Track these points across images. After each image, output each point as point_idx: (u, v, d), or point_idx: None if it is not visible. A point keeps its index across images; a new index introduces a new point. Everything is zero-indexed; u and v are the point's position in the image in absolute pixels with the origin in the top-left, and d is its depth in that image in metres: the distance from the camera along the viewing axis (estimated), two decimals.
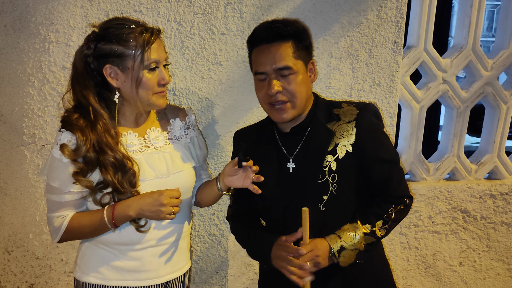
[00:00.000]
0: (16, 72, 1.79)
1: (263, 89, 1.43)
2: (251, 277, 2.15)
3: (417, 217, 2.28)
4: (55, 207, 1.39)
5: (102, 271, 1.43)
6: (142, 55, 1.33)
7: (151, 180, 1.41)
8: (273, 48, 1.39)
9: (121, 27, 1.34)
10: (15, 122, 1.84)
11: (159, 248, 1.45)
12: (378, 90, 2.07)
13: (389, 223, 1.43)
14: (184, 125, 1.55)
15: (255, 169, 1.39)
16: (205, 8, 1.85)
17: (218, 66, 1.91)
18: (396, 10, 2.00)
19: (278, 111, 1.42)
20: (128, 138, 1.43)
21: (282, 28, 1.40)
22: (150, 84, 1.36)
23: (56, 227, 1.39)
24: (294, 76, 1.40)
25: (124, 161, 1.35)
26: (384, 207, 1.44)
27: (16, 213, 1.92)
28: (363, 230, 1.40)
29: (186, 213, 1.54)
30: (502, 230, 2.40)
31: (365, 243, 1.40)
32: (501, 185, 2.35)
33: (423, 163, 2.29)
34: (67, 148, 1.32)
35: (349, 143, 1.43)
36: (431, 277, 2.37)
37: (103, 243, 1.43)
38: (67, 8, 1.76)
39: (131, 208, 1.34)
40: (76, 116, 1.35)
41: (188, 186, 1.51)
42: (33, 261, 1.97)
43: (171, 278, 1.50)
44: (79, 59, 1.37)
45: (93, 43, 1.35)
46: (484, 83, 2.27)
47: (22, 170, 1.88)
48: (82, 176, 1.33)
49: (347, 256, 1.39)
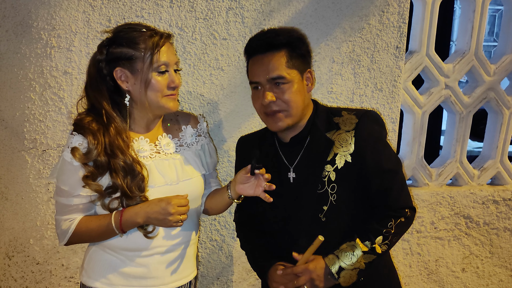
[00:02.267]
0: (18, 77, 1.79)
1: (258, 99, 1.43)
2: (252, 283, 2.14)
3: (420, 223, 2.27)
4: (64, 210, 1.39)
5: (109, 277, 1.43)
6: (151, 57, 1.34)
7: (160, 187, 1.41)
8: (266, 58, 1.39)
9: (131, 31, 1.37)
10: (16, 127, 1.83)
11: (166, 255, 1.45)
12: (380, 96, 2.06)
13: (389, 238, 1.39)
14: (195, 132, 1.55)
15: (268, 177, 1.37)
16: (206, 13, 1.85)
17: (220, 71, 1.91)
18: (398, 15, 2.00)
19: (273, 120, 1.42)
20: (140, 144, 1.43)
21: (274, 37, 1.40)
22: (159, 86, 1.36)
23: (64, 230, 1.39)
24: (288, 86, 1.39)
25: (133, 165, 1.35)
26: (383, 222, 1.40)
27: (17, 218, 1.91)
28: (362, 249, 1.37)
29: (194, 221, 1.53)
30: (505, 236, 2.38)
31: (365, 261, 1.37)
32: (504, 190, 2.34)
33: (426, 168, 2.28)
34: (78, 151, 1.33)
35: (348, 153, 1.41)
36: (433, 283, 2.36)
37: (111, 248, 1.43)
38: (69, 13, 1.76)
39: (139, 215, 1.34)
40: (89, 119, 1.36)
41: (197, 194, 1.51)
42: (34, 266, 1.96)
43: (177, 286, 1.49)
44: (92, 64, 1.39)
45: (105, 48, 1.37)
46: (487, 88, 2.26)
47: (23, 175, 1.87)
48: (92, 180, 1.33)
49: (347, 276, 1.37)
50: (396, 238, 1.42)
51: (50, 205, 1.90)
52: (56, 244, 1.93)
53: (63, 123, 1.84)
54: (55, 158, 1.86)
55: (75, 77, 1.81)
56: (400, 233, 1.43)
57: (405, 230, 1.46)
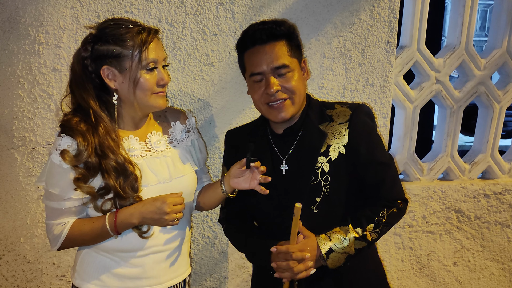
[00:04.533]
0: (6, 74, 1.77)
1: (260, 89, 1.41)
2: (245, 279, 2.13)
3: (411, 217, 2.28)
4: (55, 214, 1.35)
5: (103, 278, 1.40)
6: (139, 55, 1.30)
7: (153, 186, 1.39)
8: (268, 48, 1.39)
9: (117, 27, 1.32)
10: (5, 124, 1.81)
11: (161, 254, 1.43)
12: (371, 91, 2.06)
13: (380, 226, 1.41)
14: (184, 128, 1.54)
15: (263, 170, 1.37)
16: (196, 9, 1.83)
17: (210, 67, 1.89)
18: (389, 10, 2.00)
19: (277, 110, 1.41)
20: (130, 143, 1.40)
21: (275, 28, 1.40)
22: (148, 85, 1.33)
23: (56, 235, 1.35)
24: (292, 74, 1.40)
25: (125, 165, 1.32)
26: (376, 210, 1.42)
27: (7, 216, 1.89)
28: (353, 234, 1.38)
29: (187, 218, 1.53)
30: (496, 230, 2.40)
31: (355, 247, 1.38)
32: (495, 184, 2.36)
33: (417, 163, 2.28)
34: (68, 153, 1.29)
35: (341, 145, 1.42)
36: (425, 277, 2.37)
37: (104, 250, 1.40)
38: (57, 9, 1.74)
39: (134, 216, 1.32)
40: (77, 120, 1.31)
41: (190, 191, 1.49)
42: (25, 265, 1.94)
43: (172, 284, 1.48)
44: (77, 62, 1.34)
45: (90, 44, 1.33)
46: (477, 82, 2.27)
47: (12, 173, 1.85)
48: (83, 182, 1.30)
49: (336, 258, 1.38)
50: (386, 228, 1.43)
51: (40, 203, 1.89)
52: (47, 242, 1.92)
53: (52, 120, 1.82)
54: (44, 156, 1.85)
55: (64, 74, 1.79)
56: (391, 224, 1.44)
57: (396, 221, 1.47)
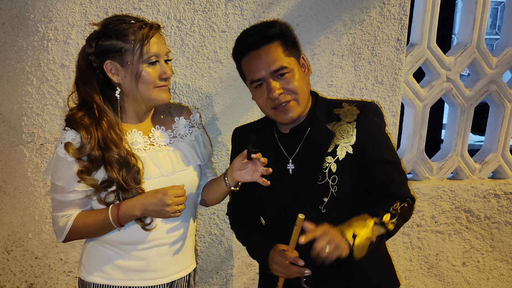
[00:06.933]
0: (15, 70, 1.78)
1: (263, 95, 1.40)
2: (252, 277, 2.13)
3: (420, 217, 2.26)
4: (60, 206, 1.38)
5: (107, 270, 1.42)
6: (141, 49, 1.33)
7: (156, 178, 1.40)
8: (263, 52, 1.37)
9: (120, 23, 1.35)
10: (14, 120, 1.82)
11: (164, 247, 1.44)
12: (380, 89, 2.04)
13: (396, 217, 1.35)
14: (188, 123, 1.55)
15: (264, 161, 1.37)
16: (205, 6, 1.82)
17: (219, 64, 1.89)
18: (399, 7, 1.97)
19: (284, 112, 1.40)
20: (133, 137, 1.42)
21: (265, 30, 1.38)
22: (150, 78, 1.35)
23: (61, 227, 1.38)
24: (291, 74, 1.38)
25: (128, 157, 1.34)
26: (389, 202, 1.38)
27: (15, 212, 1.90)
28: (373, 220, 1.32)
29: (191, 212, 1.53)
30: (506, 230, 2.37)
31: (377, 234, 1.31)
32: (505, 184, 2.33)
33: (426, 162, 2.26)
34: (72, 146, 1.32)
35: (349, 144, 1.40)
36: (434, 277, 2.35)
37: (108, 242, 1.43)
38: (66, 5, 1.74)
39: (136, 208, 1.34)
40: (81, 114, 1.35)
41: (193, 184, 1.50)
42: (33, 260, 1.96)
43: (177, 278, 1.49)
44: (82, 58, 1.38)
45: (94, 41, 1.36)
46: (489, 81, 2.24)
47: (21, 169, 1.86)
48: (87, 174, 1.33)
49: (361, 246, 1.28)
50: (400, 221, 1.38)
51: (48, 199, 1.90)
52: (55, 238, 1.93)
53: (60, 116, 1.82)
54: (52, 152, 1.85)
55: (72, 70, 1.79)
56: (404, 218, 1.40)
57: (408, 217, 1.43)
